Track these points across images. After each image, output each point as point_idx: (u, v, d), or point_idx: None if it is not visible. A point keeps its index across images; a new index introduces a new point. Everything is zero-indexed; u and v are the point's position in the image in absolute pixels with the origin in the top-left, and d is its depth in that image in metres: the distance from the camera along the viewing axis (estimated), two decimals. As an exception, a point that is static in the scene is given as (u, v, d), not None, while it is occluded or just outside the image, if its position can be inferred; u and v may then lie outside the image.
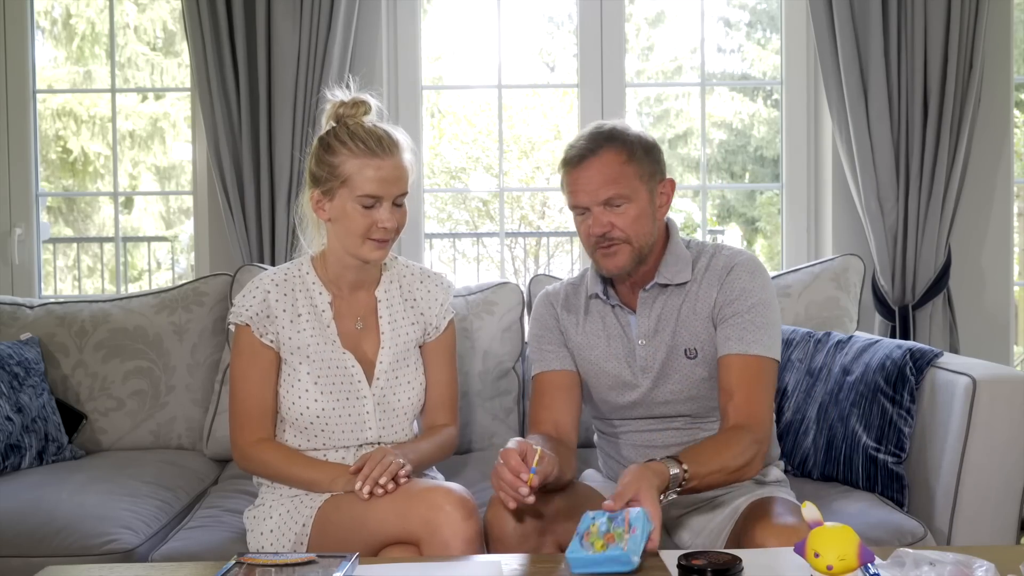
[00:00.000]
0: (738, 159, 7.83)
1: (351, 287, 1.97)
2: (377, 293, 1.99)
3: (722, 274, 1.90)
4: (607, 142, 1.85)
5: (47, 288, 6.32)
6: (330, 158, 1.85)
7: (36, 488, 2.23)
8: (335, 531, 1.78)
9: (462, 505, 1.68)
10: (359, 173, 1.82)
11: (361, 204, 1.84)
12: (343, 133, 1.86)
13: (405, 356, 1.98)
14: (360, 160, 1.83)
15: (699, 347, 1.90)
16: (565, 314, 2.02)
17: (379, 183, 1.83)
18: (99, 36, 8.30)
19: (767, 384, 1.84)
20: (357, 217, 1.84)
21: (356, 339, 1.95)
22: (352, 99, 1.89)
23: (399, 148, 1.87)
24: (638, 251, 1.87)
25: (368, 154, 1.83)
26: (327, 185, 1.86)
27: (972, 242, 3.15)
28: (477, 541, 1.68)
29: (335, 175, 1.85)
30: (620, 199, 1.84)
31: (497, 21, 3.39)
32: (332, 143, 1.86)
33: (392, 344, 1.96)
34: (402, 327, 1.99)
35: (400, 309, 1.99)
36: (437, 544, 1.65)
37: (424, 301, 2.03)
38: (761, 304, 1.87)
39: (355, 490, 1.73)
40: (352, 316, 1.96)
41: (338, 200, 1.86)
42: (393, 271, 2.03)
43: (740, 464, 1.71)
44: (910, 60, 2.94)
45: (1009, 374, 2.14)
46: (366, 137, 1.84)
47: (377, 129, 1.87)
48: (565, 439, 1.92)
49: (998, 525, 2.09)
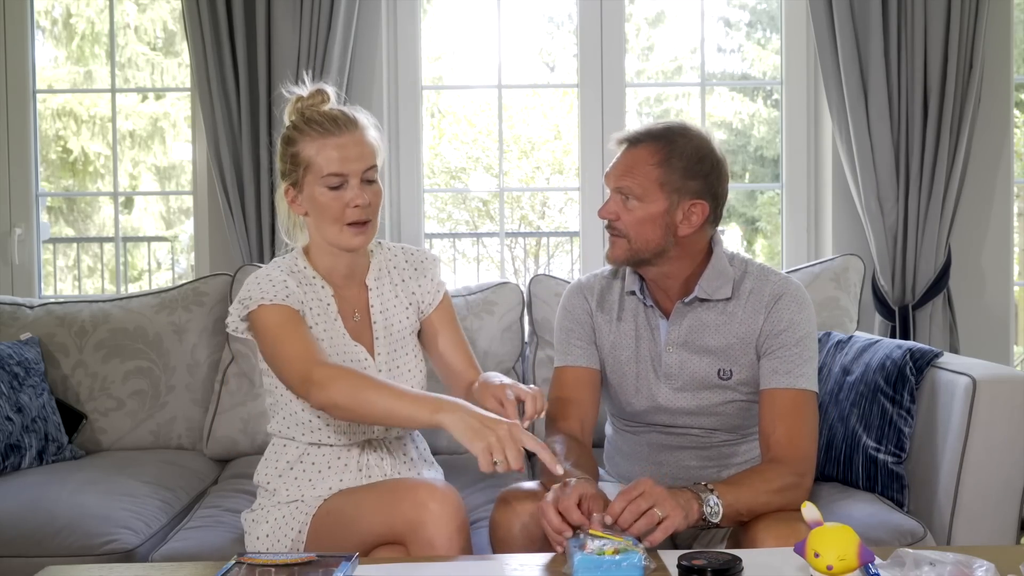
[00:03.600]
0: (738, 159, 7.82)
1: (344, 279, 1.93)
2: (368, 282, 1.96)
3: (769, 302, 1.87)
4: (652, 138, 1.84)
5: (47, 288, 6.31)
6: (292, 149, 1.84)
7: (36, 488, 2.22)
8: (329, 536, 1.77)
9: (446, 501, 1.66)
10: (319, 154, 1.80)
11: (327, 186, 1.81)
12: (300, 122, 1.84)
13: (402, 345, 1.96)
14: (319, 142, 1.80)
15: (735, 370, 1.88)
16: (599, 313, 1.99)
17: (340, 161, 1.80)
18: (99, 36, 8.30)
19: (810, 417, 1.82)
20: (328, 202, 1.81)
21: (357, 332, 1.93)
22: (310, 91, 1.87)
23: (358, 124, 1.84)
24: (635, 251, 1.85)
25: (325, 134, 1.80)
26: (293, 176, 1.85)
27: (972, 242, 3.15)
28: (461, 538, 1.65)
29: (297, 163, 1.83)
30: (631, 194, 1.83)
31: (497, 21, 3.39)
32: (292, 134, 1.85)
33: (386, 335, 1.94)
34: (394, 315, 1.97)
35: (391, 296, 1.97)
36: (422, 542, 1.63)
37: (413, 280, 2.00)
38: (808, 337, 1.85)
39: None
40: (350, 309, 1.93)
41: (307, 189, 1.83)
42: (380, 257, 2.00)
43: (777, 497, 1.68)
44: (910, 60, 2.94)
45: (1009, 374, 2.14)
46: (321, 120, 1.82)
47: (332, 110, 1.85)
48: (587, 440, 1.92)
49: (998, 525, 2.09)
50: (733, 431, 1.95)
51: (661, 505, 1.53)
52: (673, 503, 1.55)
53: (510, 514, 1.69)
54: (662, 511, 1.53)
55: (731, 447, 1.96)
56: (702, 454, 1.95)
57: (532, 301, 2.72)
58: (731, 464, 1.96)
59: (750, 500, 1.65)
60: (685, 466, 1.95)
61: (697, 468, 1.94)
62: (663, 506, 1.53)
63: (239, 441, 2.63)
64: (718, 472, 1.94)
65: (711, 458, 1.95)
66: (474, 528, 2.03)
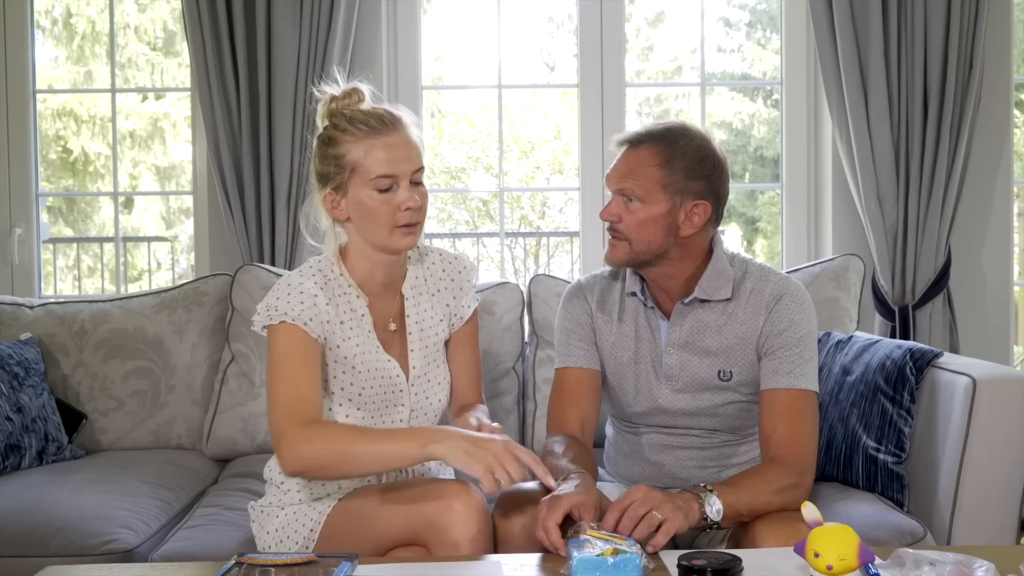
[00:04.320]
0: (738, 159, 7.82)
1: (381, 286, 1.85)
2: (404, 290, 1.88)
3: (770, 302, 1.86)
4: (653, 139, 1.83)
5: (47, 288, 6.31)
6: (334, 151, 1.75)
7: (36, 488, 2.23)
8: (343, 535, 1.73)
9: (471, 503, 1.62)
10: (368, 155, 1.72)
11: (376, 188, 1.72)
12: (342, 122, 1.75)
13: (435, 356, 1.91)
14: (366, 142, 1.72)
15: (735, 371, 1.88)
16: (600, 313, 1.99)
17: (391, 161, 1.72)
18: (99, 36, 8.30)
19: (810, 417, 1.82)
20: (377, 205, 1.73)
21: (391, 342, 1.85)
22: (344, 90, 1.79)
23: (403, 124, 1.76)
24: (636, 254, 1.85)
25: (373, 134, 1.72)
26: (337, 180, 1.75)
27: (972, 242, 3.15)
28: (485, 539, 1.63)
29: (343, 166, 1.73)
30: (633, 196, 1.82)
31: (497, 21, 3.39)
32: (333, 135, 1.76)
33: (421, 345, 1.88)
34: (429, 325, 1.90)
35: (427, 306, 1.91)
36: (446, 544, 1.60)
37: (448, 291, 1.93)
38: (808, 337, 1.85)
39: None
40: (385, 319, 1.85)
41: (352, 192, 1.74)
42: (418, 265, 1.92)
43: (777, 497, 1.68)
44: (910, 60, 2.94)
45: (1009, 374, 2.14)
46: (366, 119, 1.74)
47: (377, 109, 1.77)
48: (587, 440, 1.92)
49: (998, 525, 2.09)
50: (733, 432, 1.95)
51: (659, 509, 1.53)
52: (671, 505, 1.55)
53: (510, 514, 1.69)
54: (660, 514, 1.52)
55: (731, 447, 1.96)
56: (702, 454, 1.95)
57: (532, 301, 2.72)
58: (731, 465, 1.95)
59: (750, 500, 1.65)
60: (685, 467, 1.95)
61: (697, 469, 1.94)
62: (661, 509, 1.53)
63: (239, 441, 2.62)
64: (718, 473, 1.94)
65: (711, 459, 1.95)
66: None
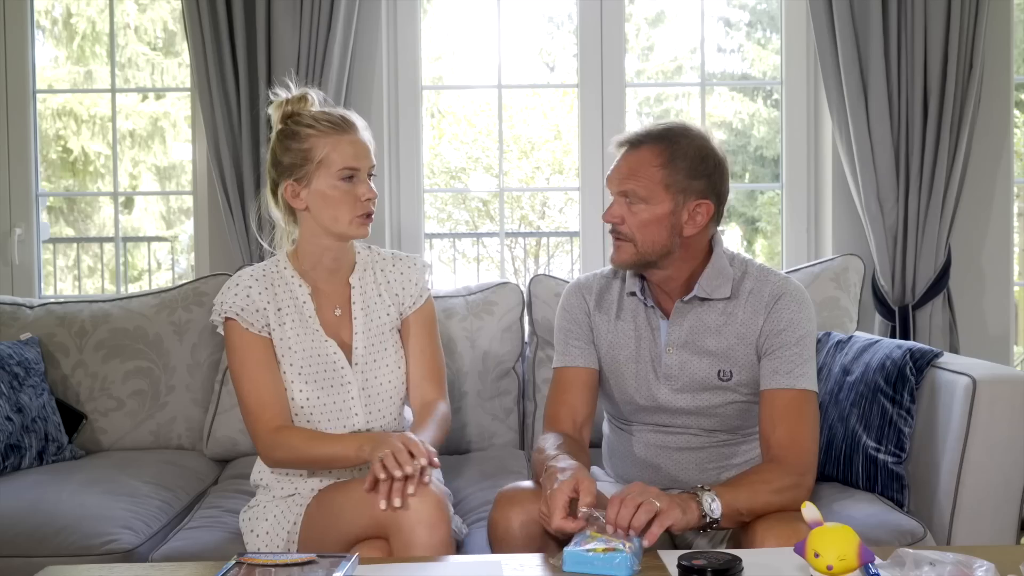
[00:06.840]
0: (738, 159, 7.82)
1: (328, 273, 2.00)
2: (351, 280, 2.02)
3: (769, 302, 1.87)
4: (654, 139, 1.84)
5: (47, 288, 6.31)
6: (298, 144, 1.91)
7: (36, 488, 2.23)
8: (318, 528, 1.80)
9: (426, 498, 1.65)
10: (335, 150, 1.90)
11: (341, 178, 1.90)
12: (305, 119, 1.93)
13: (381, 339, 2.00)
14: (331, 138, 1.90)
15: (735, 371, 1.88)
16: (598, 312, 1.99)
17: (355, 156, 1.91)
18: (99, 36, 8.30)
19: (810, 417, 1.82)
20: (340, 195, 1.90)
21: (336, 327, 1.99)
22: (296, 94, 1.98)
23: (358, 127, 1.96)
24: (641, 254, 1.85)
25: (337, 131, 1.91)
26: (301, 171, 1.91)
27: (972, 242, 3.15)
28: (439, 535, 1.64)
29: (309, 159, 1.90)
30: (636, 197, 1.82)
31: (497, 21, 3.39)
32: (296, 130, 1.93)
33: (365, 328, 1.99)
34: (375, 311, 2.01)
35: (374, 295, 2.03)
36: (402, 538, 1.63)
37: (397, 283, 2.05)
38: (808, 336, 1.85)
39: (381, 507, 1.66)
40: (330, 305, 2.00)
41: (316, 183, 1.91)
42: (366, 258, 2.06)
43: (777, 497, 1.68)
44: (910, 60, 2.94)
45: (1009, 374, 2.14)
46: (329, 118, 1.93)
47: (335, 111, 1.98)
48: (582, 438, 1.93)
49: (998, 525, 2.09)
50: (733, 431, 1.95)
51: (656, 499, 1.53)
52: (668, 499, 1.56)
53: (509, 514, 1.69)
54: (657, 503, 1.53)
55: (731, 447, 1.96)
56: (701, 454, 1.94)
57: (532, 301, 2.72)
58: (731, 465, 1.95)
59: (750, 500, 1.65)
60: (684, 466, 1.95)
61: (696, 468, 1.94)
62: (658, 500, 1.53)
63: (239, 441, 2.62)
64: (718, 474, 1.94)
65: (711, 458, 1.95)
66: (474, 528, 2.03)
